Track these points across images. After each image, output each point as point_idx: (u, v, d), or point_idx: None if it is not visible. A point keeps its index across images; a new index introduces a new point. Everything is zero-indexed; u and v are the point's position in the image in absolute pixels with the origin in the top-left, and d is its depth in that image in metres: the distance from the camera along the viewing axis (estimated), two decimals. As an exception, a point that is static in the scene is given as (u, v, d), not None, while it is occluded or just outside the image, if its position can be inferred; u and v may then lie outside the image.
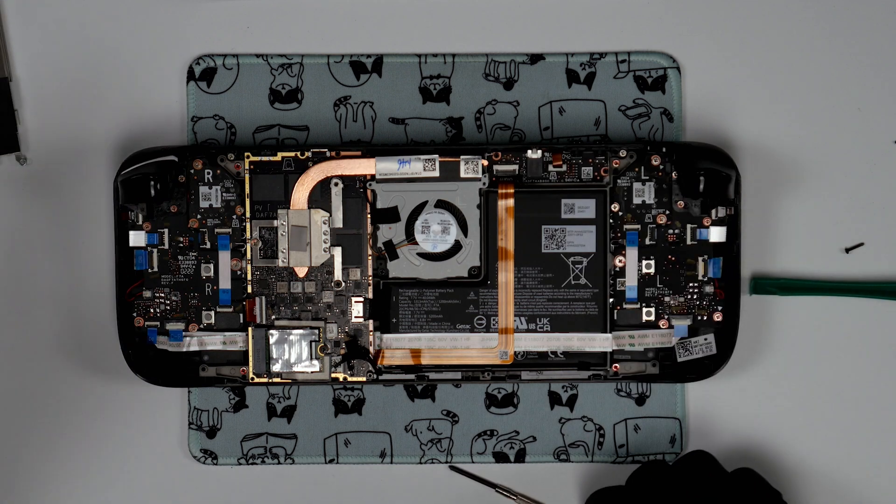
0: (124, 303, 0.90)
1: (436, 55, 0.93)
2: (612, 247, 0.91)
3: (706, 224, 0.91)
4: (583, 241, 0.91)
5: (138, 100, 0.93)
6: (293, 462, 0.94)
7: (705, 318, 0.91)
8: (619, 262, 0.91)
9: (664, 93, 0.93)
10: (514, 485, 0.94)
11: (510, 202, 0.91)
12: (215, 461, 0.94)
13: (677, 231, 0.91)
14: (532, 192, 0.91)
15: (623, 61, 0.93)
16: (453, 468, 0.94)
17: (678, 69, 0.93)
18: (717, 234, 0.90)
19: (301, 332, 0.91)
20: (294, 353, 0.90)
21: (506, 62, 0.93)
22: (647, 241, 0.91)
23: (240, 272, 0.91)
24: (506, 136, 0.93)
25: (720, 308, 0.91)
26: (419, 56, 0.93)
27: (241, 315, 0.91)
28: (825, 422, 0.94)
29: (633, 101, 0.93)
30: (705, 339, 0.91)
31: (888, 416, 0.94)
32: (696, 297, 0.91)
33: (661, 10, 0.93)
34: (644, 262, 0.91)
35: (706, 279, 0.91)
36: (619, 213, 0.91)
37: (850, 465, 0.94)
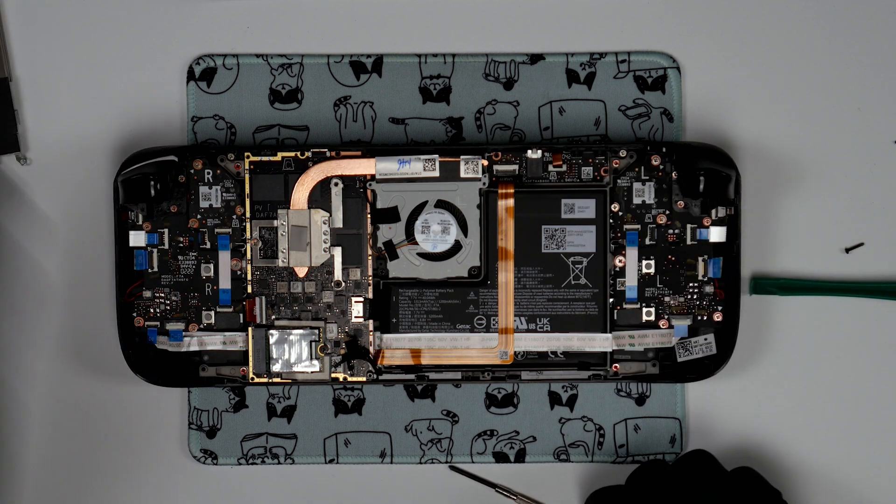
0: (124, 303, 0.90)
1: (436, 55, 0.93)
2: (612, 247, 0.91)
3: (706, 224, 0.91)
4: (583, 241, 0.91)
5: (138, 100, 0.93)
6: (293, 462, 0.94)
7: (705, 318, 0.91)
8: (619, 262, 0.91)
9: (664, 93, 0.93)
10: (514, 485, 0.94)
11: (510, 202, 0.90)
12: (215, 461, 0.93)
13: (677, 231, 0.91)
14: (532, 192, 0.91)
15: (623, 61, 0.93)
16: (453, 468, 0.94)
17: (678, 69, 0.93)
18: (717, 234, 0.90)
19: (301, 332, 0.91)
20: (294, 353, 0.90)
21: (506, 62, 0.93)
22: (647, 241, 0.91)
23: (240, 272, 0.91)
24: (506, 136, 0.93)
25: (720, 308, 0.91)
26: (419, 56, 0.93)
27: (241, 315, 0.91)
28: (825, 422, 0.94)
29: (633, 101, 0.93)
30: (705, 339, 0.91)
31: (888, 416, 0.94)
32: (696, 297, 0.91)
33: (661, 10, 0.93)
34: (644, 262, 0.91)
35: (706, 279, 0.91)
36: (619, 213, 0.91)
37: (850, 465, 0.94)
